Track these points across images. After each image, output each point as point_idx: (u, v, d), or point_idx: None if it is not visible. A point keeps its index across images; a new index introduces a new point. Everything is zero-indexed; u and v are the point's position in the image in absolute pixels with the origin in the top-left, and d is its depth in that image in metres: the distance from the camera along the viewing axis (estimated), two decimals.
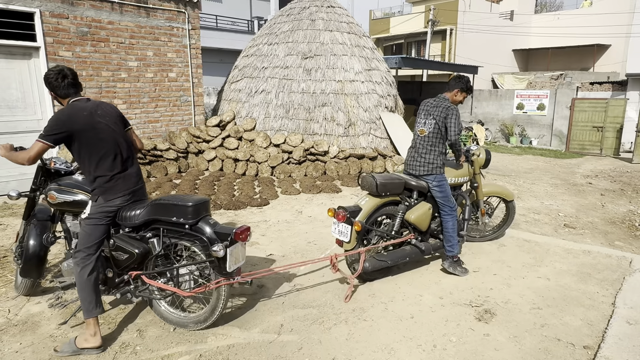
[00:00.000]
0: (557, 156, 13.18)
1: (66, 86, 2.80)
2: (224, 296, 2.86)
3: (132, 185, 2.92)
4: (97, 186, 2.82)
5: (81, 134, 2.72)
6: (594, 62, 23.55)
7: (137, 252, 2.83)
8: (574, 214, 6.29)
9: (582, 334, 3.05)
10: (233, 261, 2.75)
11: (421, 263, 4.28)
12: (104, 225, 2.84)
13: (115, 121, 2.93)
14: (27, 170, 6.81)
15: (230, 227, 2.82)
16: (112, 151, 2.83)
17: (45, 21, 6.74)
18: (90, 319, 2.73)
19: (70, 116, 2.71)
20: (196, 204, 2.79)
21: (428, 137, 3.94)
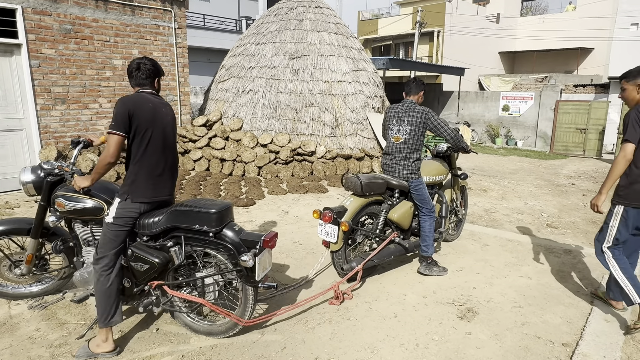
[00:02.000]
0: (542, 157, 13.39)
1: (138, 77, 2.75)
2: (251, 302, 2.75)
3: (162, 194, 2.79)
4: (129, 184, 2.68)
5: (141, 124, 2.62)
6: (577, 65, 23.97)
7: (157, 262, 2.68)
8: (556, 214, 6.40)
9: (562, 332, 3.10)
10: (261, 269, 2.63)
11: (405, 262, 4.31)
12: (126, 231, 2.70)
13: (172, 125, 2.83)
14: (7, 171, 6.70)
15: (257, 233, 2.71)
16: (158, 152, 2.72)
17: (28, 18, 6.63)
18: (107, 329, 2.67)
19: (136, 103, 2.63)
20: (220, 210, 2.64)
21: (404, 144, 3.90)
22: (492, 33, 25.11)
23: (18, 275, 3.24)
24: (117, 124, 2.56)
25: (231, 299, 2.91)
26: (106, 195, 2.88)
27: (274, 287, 2.89)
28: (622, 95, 3.16)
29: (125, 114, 2.57)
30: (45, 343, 2.82)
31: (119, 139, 2.57)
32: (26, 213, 5.63)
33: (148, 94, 2.75)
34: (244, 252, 2.61)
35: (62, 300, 3.36)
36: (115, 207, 2.69)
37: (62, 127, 7.23)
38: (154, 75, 2.78)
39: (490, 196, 7.45)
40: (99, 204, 2.85)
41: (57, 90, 7.09)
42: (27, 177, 3.01)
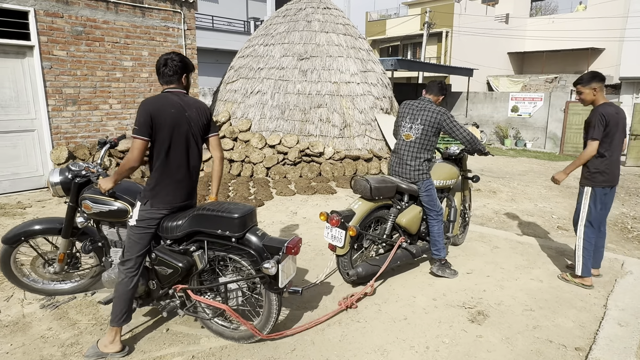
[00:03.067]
0: (551, 159, 13.26)
1: (165, 74, 2.67)
2: (276, 307, 2.69)
3: (182, 200, 2.75)
4: (150, 189, 2.66)
5: (161, 129, 2.57)
6: (588, 66, 23.72)
7: (181, 267, 2.66)
8: (567, 216, 6.33)
9: (574, 336, 3.06)
10: (285, 276, 2.58)
11: (415, 265, 4.29)
12: (150, 234, 2.69)
13: (199, 127, 2.75)
14: (19, 171, 6.78)
15: (281, 239, 2.65)
16: (179, 157, 2.66)
17: (40, 20, 6.71)
18: (116, 328, 2.68)
19: (158, 106, 2.57)
20: (242, 215, 2.57)
21: (415, 143, 3.83)
22: (501, 33, 24.95)
23: (51, 273, 3.33)
24: (139, 128, 2.53)
25: (255, 305, 2.87)
26: (131, 197, 2.88)
27: (298, 292, 2.80)
28: (580, 97, 3.79)
29: (148, 117, 2.54)
30: (57, 342, 2.84)
31: (143, 143, 2.55)
32: (37, 213, 5.69)
33: (173, 94, 2.68)
34: (266, 258, 2.55)
35: (73, 299, 3.39)
36: (137, 210, 2.69)
37: (73, 128, 7.30)
38: (181, 72, 2.69)
39: (499, 198, 7.39)
40: (124, 206, 2.85)
41: (69, 91, 7.17)
42: (55, 179, 3.06)
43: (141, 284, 2.78)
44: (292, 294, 2.76)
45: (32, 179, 6.95)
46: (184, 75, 2.72)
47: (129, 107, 7.97)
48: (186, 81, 2.76)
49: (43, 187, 7.02)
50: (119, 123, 7.87)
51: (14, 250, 3.25)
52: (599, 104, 3.72)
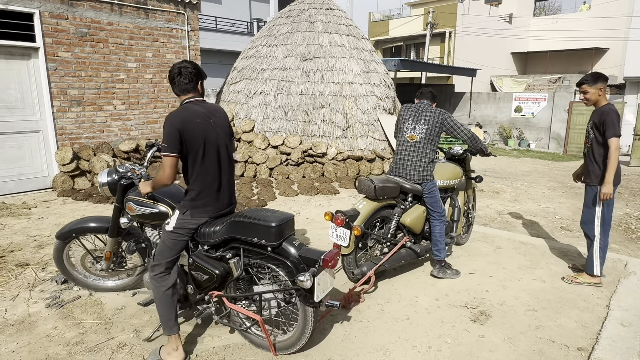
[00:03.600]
0: (555, 159, 13.22)
1: (180, 83, 2.61)
2: (311, 321, 2.58)
3: (223, 207, 2.73)
4: (190, 199, 2.64)
5: (192, 143, 2.53)
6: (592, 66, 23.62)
7: (217, 274, 2.63)
8: (570, 216, 6.32)
9: (577, 336, 3.07)
10: (321, 290, 2.46)
11: (417, 265, 4.29)
12: (184, 241, 2.68)
13: (225, 132, 2.71)
14: (25, 172, 6.84)
15: (318, 251, 2.54)
16: (214, 165, 2.64)
17: (45, 22, 6.76)
18: (172, 337, 2.64)
19: (184, 123, 2.50)
20: (280, 224, 2.50)
21: (419, 144, 3.86)
22: (505, 33, 24.89)
23: (99, 270, 3.45)
24: (168, 145, 2.47)
25: (290, 317, 2.78)
26: (174, 201, 2.88)
27: (335, 306, 2.65)
28: (584, 97, 3.78)
29: (176, 133, 2.47)
30: (63, 341, 2.87)
31: (173, 160, 2.50)
32: (42, 214, 5.73)
33: (194, 103, 2.63)
34: (302, 270, 2.47)
35: (78, 299, 3.42)
36: (175, 217, 2.67)
37: (78, 129, 7.35)
38: (196, 79, 2.64)
39: (502, 198, 7.39)
40: (166, 210, 2.85)
41: (73, 92, 7.22)
42: (103, 179, 3.14)
43: (180, 287, 2.76)
44: (329, 308, 2.65)
45: (37, 179, 7.00)
46: (199, 82, 2.67)
47: (132, 107, 8.01)
48: (201, 88, 2.70)
49: (48, 188, 7.07)
50: (123, 124, 7.92)
51: (67, 245, 3.41)
52: (603, 104, 3.74)
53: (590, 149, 3.80)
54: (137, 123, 8.11)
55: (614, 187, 3.70)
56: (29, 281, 3.73)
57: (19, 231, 5.01)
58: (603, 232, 3.80)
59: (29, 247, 4.52)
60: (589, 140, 3.83)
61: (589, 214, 3.84)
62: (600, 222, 3.79)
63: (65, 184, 6.90)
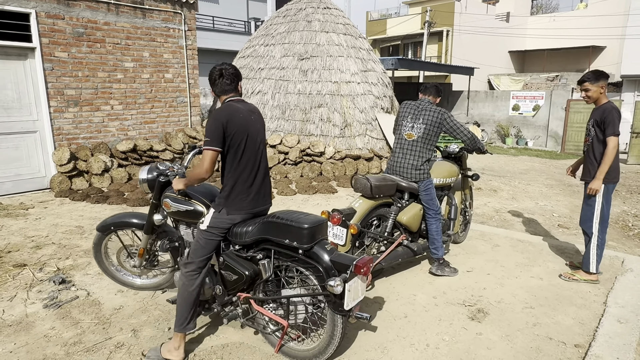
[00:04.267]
0: (553, 157, 13.26)
1: (222, 84, 2.67)
2: (340, 331, 2.50)
3: (259, 205, 2.74)
4: (225, 196, 2.66)
5: (234, 137, 2.57)
6: (589, 64, 23.68)
7: (246, 274, 2.62)
8: (568, 214, 6.33)
9: (574, 333, 3.08)
10: (351, 298, 2.37)
11: (415, 263, 4.30)
12: (217, 240, 2.69)
13: (263, 132, 2.77)
14: (22, 172, 6.82)
15: (350, 257, 2.47)
16: (252, 162, 2.66)
17: (41, 22, 6.74)
18: (180, 334, 2.65)
19: (229, 117, 2.56)
20: (312, 226, 2.45)
21: (417, 142, 3.87)
22: (502, 32, 24.93)
23: (131, 266, 3.47)
24: (212, 139, 2.52)
25: (318, 325, 2.70)
26: (209, 199, 2.88)
27: (366, 318, 2.51)
28: (586, 95, 3.77)
29: (220, 128, 2.53)
30: (60, 341, 2.87)
31: (214, 155, 2.54)
32: (40, 214, 5.72)
33: (237, 102, 2.69)
34: (333, 275, 2.39)
35: (76, 299, 3.42)
36: (210, 216, 2.69)
37: (75, 129, 7.33)
38: (237, 80, 2.71)
39: (500, 196, 7.40)
40: (201, 208, 2.85)
41: (70, 92, 7.20)
42: (143, 176, 3.17)
43: (208, 287, 2.77)
44: (359, 320, 2.52)
45: (35, 180, 6.99)
46: (239, 83, 2.74)
47: (130, 107, 8.00)
48: (240, 89, 2.78)
49: (45, 188, 7.06)
50: (121, 124, 7.90)
51: (105, 237, 3.47)
52: (603, 102, 3.75)
53: (591, 147, 3.80)
54: (134, 123, 8.09)
55: (612, 185, 3.73)
56: (26, 282, 3.72)
57: (17, 232, 5.00)
58: (601, 230, 3.82)
59: (27, 247, 4.52)
60: (589, 138, 3.83)
61: (588, 211, 3.85)
62: (599, 220, 3.80)
63: (63, 184, 6.89)
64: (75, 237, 4.87)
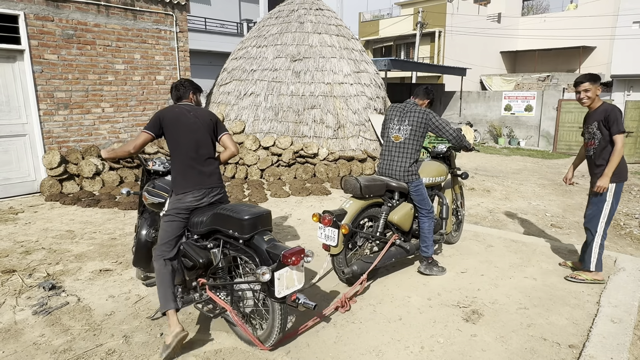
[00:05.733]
0: (545, 157, 13.34)
1: (175, 96, 3.20)
2: (279, 318, 2.64)
3: (205, 184, 2.99)
4: (173, 178, 3.03)
5: (168, 125, 2.99)
6: (580, 64, 23.89)
7: (200, 262, 2.82)
8: (560, 214, 6.37)
9: (568, 333, 3.08)
10: (283, 286, 2.53)
11: (409, 265, 4.29)
12: (178, 223, 2.92)
13: (207, 123, 3.09)
14: (11, 176, 6.73)
15: (284, 247, 2.59)
16: (188, 145, 2.98)
17: (30, 24, 6.66)
18: (169, 312, 2.78)
19: (164, 111, 3.05)
20: (251, 217, 2.63)
21: (404, 144, 3.89)
22: (494, 33, 25.08)
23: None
24: (149, 126, 3.00)
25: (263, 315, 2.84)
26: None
27: (311, 306, 2.66)
28: (585, 95, 3.77)
29: (157, 120, 3.01)
30: (50, 349, 2.82)
31: (147, 137, 2.99)
32: (30, 219, 5.64)
33: (183, 105, 3.13)
34: (267, 264, 2.54)
35: (66, 305, 3.37)
36: (167, 202, 3.08)
37: (65, 132, 7.25)
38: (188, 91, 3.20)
39: (493, 196, 7.42)
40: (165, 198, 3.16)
41: (60, 95, 7.12)
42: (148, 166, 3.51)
43: (178, 274, 2.94)
44: (307, 308, 2.66)
45: (24, 184, 6.90)
46: (191, 91, 3.20)
47: (121, 110, 7.93)
48: (195, 99, 3.23)
49: (35, 192, 6.97)
50: (112, 127, 7.83)
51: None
52: (599, 104, 3.78)
53: (598, 150, 3.77)
54: (125, 125, 8.02)
55: (622, 184, 3.74)
56: (15, 288, 3.66)
57: (5, 237, 4.92)
58: (605, 229, 3.83)
59: (16, 253, 4.45)
60: (594, 141, 3.79)
61: (595, 210, 3.83)
62: (605, 219, 3.79)
63: (53, 188, 6.81)
64: (66, 241, 4.81)
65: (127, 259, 4.29)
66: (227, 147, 3.18)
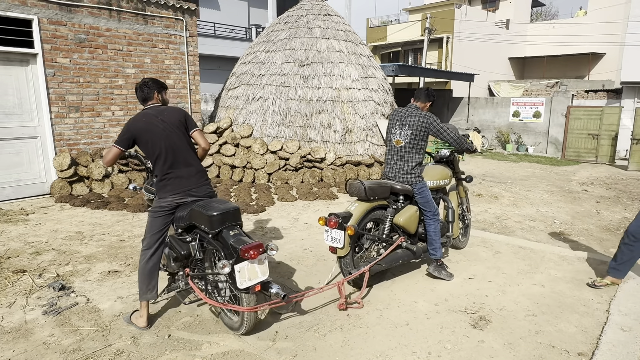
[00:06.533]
0: (553, 163, 13.25)
1: (140, 97, 3.24)
2: (246, 305, 2.85)
3: (184, 186, 3.11)
4: (155, 183, 3.19)
5: (139, 137, 3.07)
6: (589, 71, 23.75)
7: (182, 254, 3.08)
8: (569, 221, 6.32)
9: (577, 341, 3.05)
10: (245, 278, 2.72)
11: (416, 269, 4.28)
12: (160, 219, 3.09)
13: (176, 125, 3.15)
14: (22, 178, 6.81)
15: (245, 242, 2.76)
16: (163, 153, 3.08)
17: (43, 28, 6.77)
18: (142, 303, 3.07)
19: (133, 122, 3.10)
20: (219, 213, 2.82)
21: (405, 148, 3.92)
22: (502, 39, 25.03)
23: None
24: (118, 140, 3.08)
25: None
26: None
27: (280, 296, 2.83)
28: None
29: (127, 132, 3.08)
30: (59, 349, 2.85)
31: (117, 152, 3.08)
32: (40, 220, 5.71)
33: (149, 109, 3.18)
34: (230, 257, 2.76)
35: (75, 306, 3.40)
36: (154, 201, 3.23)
37: (76, 135, 7.34)
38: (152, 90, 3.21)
39: (501, 203, 7.39)
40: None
41: (71, 98, 7.21)
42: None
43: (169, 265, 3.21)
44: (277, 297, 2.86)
45: (35, 185, 6.98)
46: (155, 91, 3.22)
47: (131, 113, 8.01)
48: (161, 98, 3.26)
49: (46, 194, 7.05)
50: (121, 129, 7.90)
51: None
52: None
53: None
54: None
55: None
56: (25, 288, 3.70)
57: (16, 237, 4.98)
58: None
59: (26, 253, 4.50)
60: None
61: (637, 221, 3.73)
62: None
63: (63, 190, 6.88)
64: (75, 243, 4.86)
65: (135, 260, 4.32)
66: (198, 142, 3.26)
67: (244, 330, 2.93)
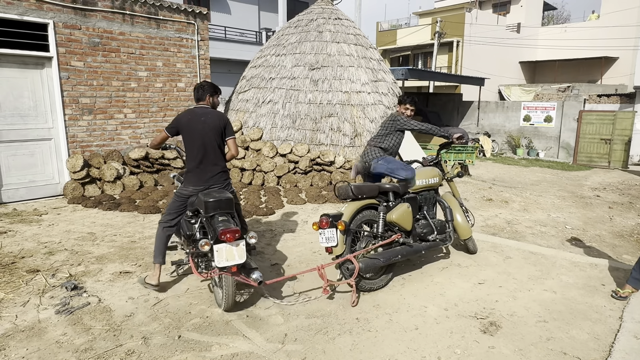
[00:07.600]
0: (565, 168, 13.11)
1: (195, 97, 3.77)
2: (225, 285, 3.23)
3: (202, 183, 3.61)
4: (185, 173, 3.73)
5: (181, 129, 3.63)
6: (601, 75, 23.49)
7: (188, 234, 3.63)
8: (581, 226, 6.25)
9: (589, 348, 3.02)
10: (222, 258, 3.13)
11: (425, 274, 4.27)
12: (179, 202, 3.66)
13: (214, 128, 3.64)
14: (36, 179, 6.92)
15: (227, 226, 3.18)
16: (195, 149, 3.60)
17: (58, 32, 6.89)
18: (155, 265, 3.65)
19: (180, 116, 3.69)
20: (212, 200, 3.32)
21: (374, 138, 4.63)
22: (513, 43, 24.87)
23: None
24: (167, 127, 3.69)
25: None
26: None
27: (258, 280, 3.24)
28: None
29: (175, 122, 3.67)
30: (72, 348, 2.88)
31: (164, 135, 3.70)
32: (53, 221, 5.79)
33: (197, 108, 3.71)
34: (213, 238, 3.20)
35: (87, 306, 3.44)
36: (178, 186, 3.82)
37: (89, 137, 7.44)
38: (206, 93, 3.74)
39: (512, 208, 7.33)
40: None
41: (85, 101, 7.32)
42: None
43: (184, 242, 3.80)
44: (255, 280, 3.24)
45: (49, 186, 7.09)
46: (208, 94, 3.74)
47: (143, 116, 8.10)
48: (212, 100, 3.77)
49: (59, 195, 7.15)
50: (133, 132, 8.00)
51: None
52: None
53: None
54: (147, 131, 8.19)
55: None
56: (39, 287, 3.76)
57: (30, 237, 5.06)
58: None
59: (40, 253, 4.57)
60: None
61: None
62: None
63: (76, 191, 6.98)
64: (88, 243, 4.92)
65: (147, 261, 4.37)
66: (230, 149, 3.80)
67: (224, 306, 3.31)
